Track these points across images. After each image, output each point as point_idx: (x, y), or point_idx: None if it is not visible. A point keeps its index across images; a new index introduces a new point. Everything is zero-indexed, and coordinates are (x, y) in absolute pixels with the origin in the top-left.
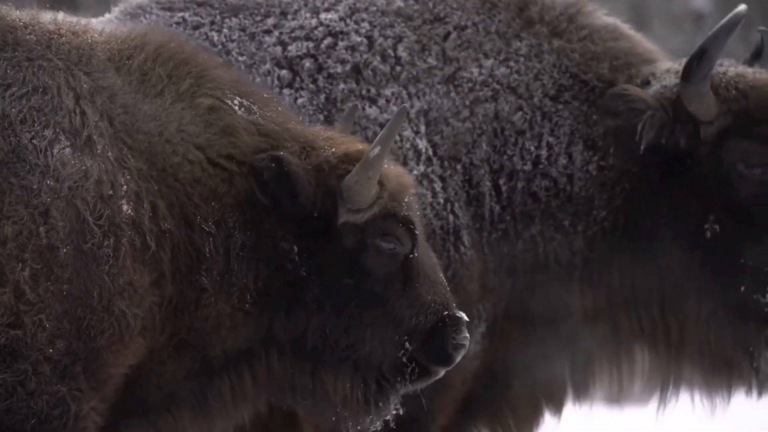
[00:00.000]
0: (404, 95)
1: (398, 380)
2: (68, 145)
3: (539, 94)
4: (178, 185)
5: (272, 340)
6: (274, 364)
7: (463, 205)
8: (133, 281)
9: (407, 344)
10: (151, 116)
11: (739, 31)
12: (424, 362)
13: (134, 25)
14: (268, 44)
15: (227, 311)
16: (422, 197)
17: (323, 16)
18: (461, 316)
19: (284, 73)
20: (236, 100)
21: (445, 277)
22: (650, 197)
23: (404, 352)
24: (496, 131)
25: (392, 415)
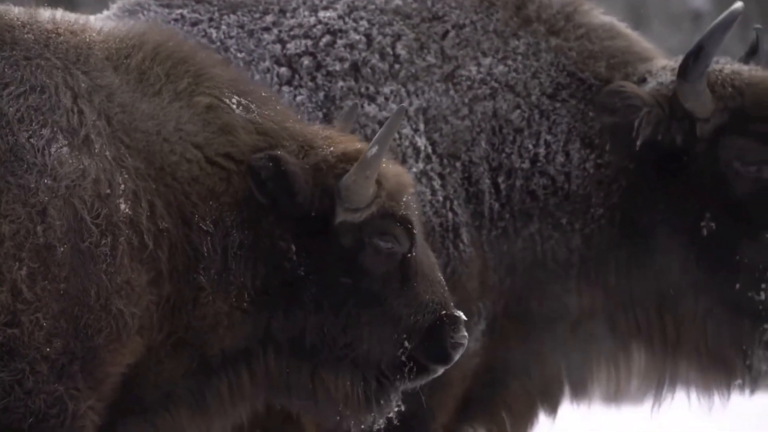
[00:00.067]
0: (403, 93)
1: (398, 378)
2: (66, 144)
3: (537, 92)
4: (176, 184)
5: (270, 339)
6: (272, 363)
7: (462, 202)
8: (130, 280)
9: (406, 343)
10: (149, 115)
11: (736, 29)
12: (422, 361)
13: (132, 22)
14: (267, 41)
15: (225, 310)
16: (421, 195)
17: (322, 14)
18: (459, 315)
19: (283, 70)
20: (234, 98)
21: (444, 274)
22: (647, 194)
23: (403, 350)
24: (494, 129)
25: (394, 412)
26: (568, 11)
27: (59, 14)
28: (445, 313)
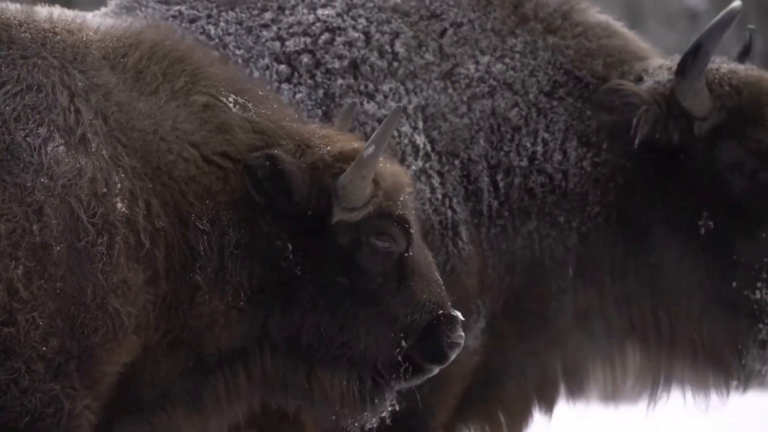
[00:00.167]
0: (402, 91)
1: (393, 377)
2: (62, 143)
3: (534, 90)
4: (172, 183)
5: (267, 338)
6: (268, 362)
7: (461, 200)
8: (127, 279)
9: (402, 342)
10: (145, 114)
11: (733, 28)
12: (419, 360)
13: (130, 19)
14: (266, 39)
15: (221, 309)
16: (421, 193)
17: (320, 11)
18: (456, 314)
19: (282, 68)
20: (231, 97)
21: (443, 272)
22: (644, 193)
23: (399, 350)
24: (493, 127)
25: (388, 411)
26: (564, 10)
27: (56, 12)
28: (442, 312)
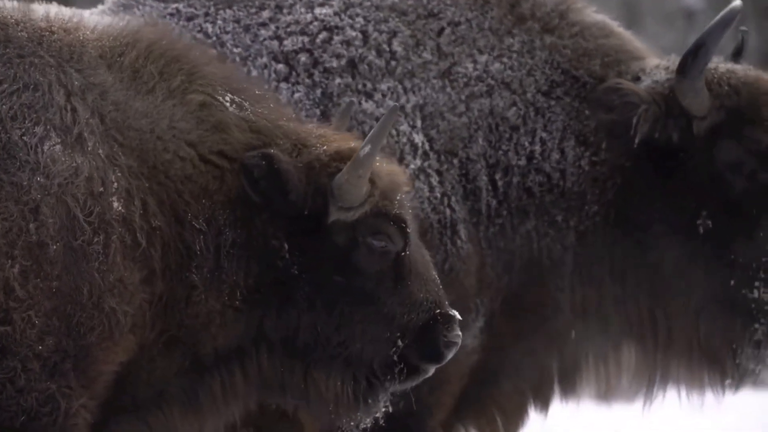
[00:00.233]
0: (400, 90)
1: (388, 378)
2: (59, 142)
3: (532, 89)
4: (169, 182)
5: (263, 337)
6: (265, 361)
7: (460, 199)
8: (123, 278)
9: (399, 342)
10: (142, 113)
11: (732, 28)
12: (415, 360)
13: (127, 17)
14: (263, 37)
15: (217, 308)
16: (419, 191)
17: (318, 10)
18: (454, 313)
19: (281, 67)
20: (228, 96)
21: (442, 271)
22: (642, 192)
23: (396, 349)
24: (491, 126)
25: (381, 412)
26: (561, 9)
27: (53, 11)
28: (439, 311)
